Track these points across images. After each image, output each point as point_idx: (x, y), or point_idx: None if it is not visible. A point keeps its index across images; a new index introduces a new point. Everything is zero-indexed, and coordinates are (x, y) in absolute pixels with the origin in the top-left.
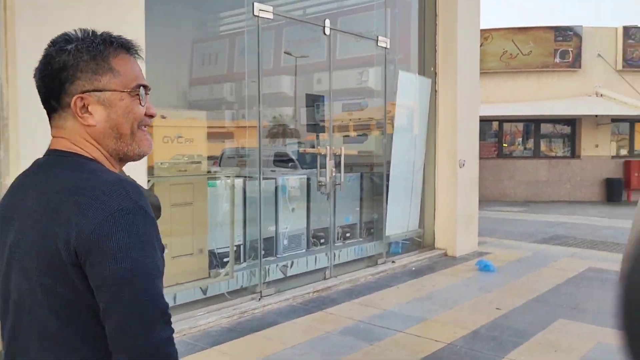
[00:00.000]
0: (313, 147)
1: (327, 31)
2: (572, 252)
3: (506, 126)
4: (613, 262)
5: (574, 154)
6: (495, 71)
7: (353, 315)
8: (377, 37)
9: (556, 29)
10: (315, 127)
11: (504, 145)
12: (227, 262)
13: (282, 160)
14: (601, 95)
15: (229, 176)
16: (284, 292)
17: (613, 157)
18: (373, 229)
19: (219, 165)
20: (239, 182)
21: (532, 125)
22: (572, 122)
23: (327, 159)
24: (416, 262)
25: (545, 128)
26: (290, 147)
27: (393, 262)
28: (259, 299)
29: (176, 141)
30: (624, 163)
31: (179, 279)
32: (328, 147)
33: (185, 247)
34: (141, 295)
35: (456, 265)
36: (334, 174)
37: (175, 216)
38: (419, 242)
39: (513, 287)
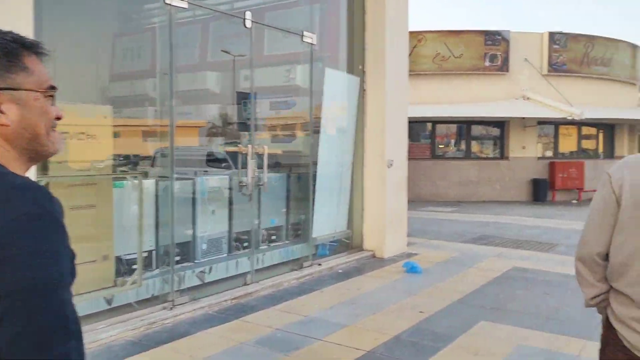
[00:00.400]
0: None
1: (248, 24)
2: (498, 252)
3: (440, 128)
4: (536, 261)
5: (502, 155)
6: (429, 73)
7: (272, 323)
8: (303, 32)
9: (486, 33)
10: (244, 125)
11: (440, 146)
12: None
13: (216, 160)
14: (528, 98)
15: (136, 176)
16: (199, 300)
17: (539, 158)
18: (300, 230)
19: (152, 166)
20: (149, 183)
21: (464, 127)
22: (501, 124)
23: (249, 158)
24: (344, 265)
25: (476, 130)
26: (222, 147)
27: (319, 264)
28: (171, 309)
29: (76, 138)
30: (549, 164)
31: (79, 289)
32: (250, 146)
33: (87, 254)
34: (39, 306)
35: (384, 267)
36: (256, 174)
37: (75, 220)
38: (347, 243)
39: (438, 288)
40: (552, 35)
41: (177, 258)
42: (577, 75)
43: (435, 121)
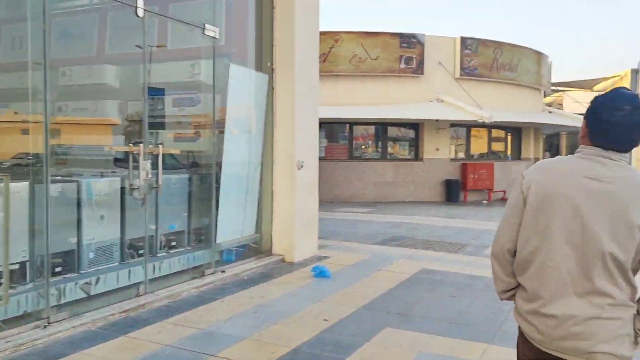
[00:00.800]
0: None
1: (140, 12)
2: (409, 253)
3: (357, 129)
4: (445, 263)
5: (417, 156)
6: (346, 74)
7: (162, 338)
8: (204, 25)
9: (401, 35)
10: (142, 123)
11: (362, 147)
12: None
13: (124, 160)
14: (441, 101)
15: (1, 179)
16: (81, 315)
17: (452, 159)
18: (203, 236)
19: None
20: (19, 186)
21: (381, 128)
22: (416, 126)
23: (141, 158)
24: (250, 271)
25: (393, 131)
26: (111, 148)
27: (223, 271)
28: (45, 327)
29: None
30: (461, 165)
31: None
32: (141, 146)
33: None
34: None
35: (293, 272)
36: (149, 176)
37: None
38: (256, 248)
39: (346, 294)
40: (463, 40)
41: (59, 269)
42: (487, 79)
43: (353, 122)
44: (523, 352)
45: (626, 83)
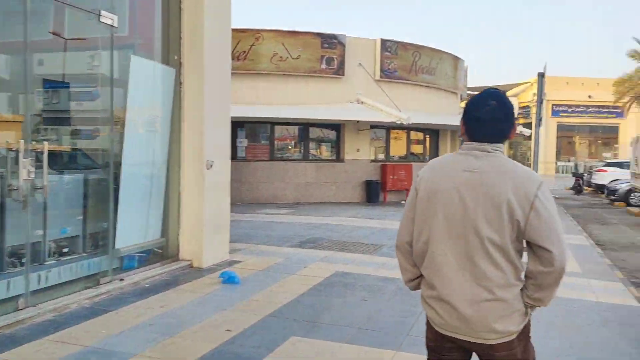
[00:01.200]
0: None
1: None
2: (323, 255)
3: (279, 129)
4: (359, 265)
5: (338, 157)
6: (268, 73)
7: (38, 358)
8: (100, 12)
9: (322, 36)
10: (34, 117)
11: (284, 148)
12: None
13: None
14: (362, 102)
15: None
16: None
17: (372, 160)
18: (100, 241)
19: None
20: None
21: (302, 128)
22: (337, 127)
23: (21, 156)
24: (153, 278)
25: (314, 132)
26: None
27: (121, 279)
28: None
29: None
30: (381, 166)
31: None
32: (21, 142)
33: None
34: None
35: (200, 279)
36: (31, 176)
37: None
38: (161, 253)
39: (253, 301)
40: (384, 42)
41: None
42: (406, 82)
43: (274, 122)
44: (428, 336)
45: (535, 88)
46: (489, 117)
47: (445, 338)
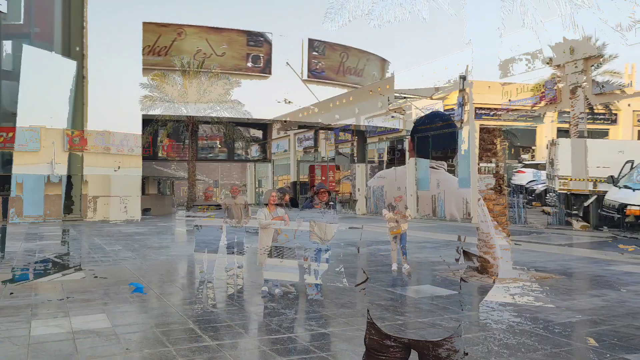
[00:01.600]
0: None
1: None
2: None
3: (203, 127)
4: None
5: (265, 158)
6: (189, 69)
7: None
8: None
9: (248, 33)
10: None
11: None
12: None
13: None
14: (289, 102)
15: None
16: None
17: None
18: None
19: None
20: None
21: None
22: (264, 126)
23: None
24: None
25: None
26: None
27: None
28: None
29: None
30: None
31: None
32: None
33: None
34: None
35: None
36: None
37: None
38: None
39: None
40: (311, 42)
41: None
42: (334, 82)
43: (200, 122)
44: None
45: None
46: (435, 136)
47: None
